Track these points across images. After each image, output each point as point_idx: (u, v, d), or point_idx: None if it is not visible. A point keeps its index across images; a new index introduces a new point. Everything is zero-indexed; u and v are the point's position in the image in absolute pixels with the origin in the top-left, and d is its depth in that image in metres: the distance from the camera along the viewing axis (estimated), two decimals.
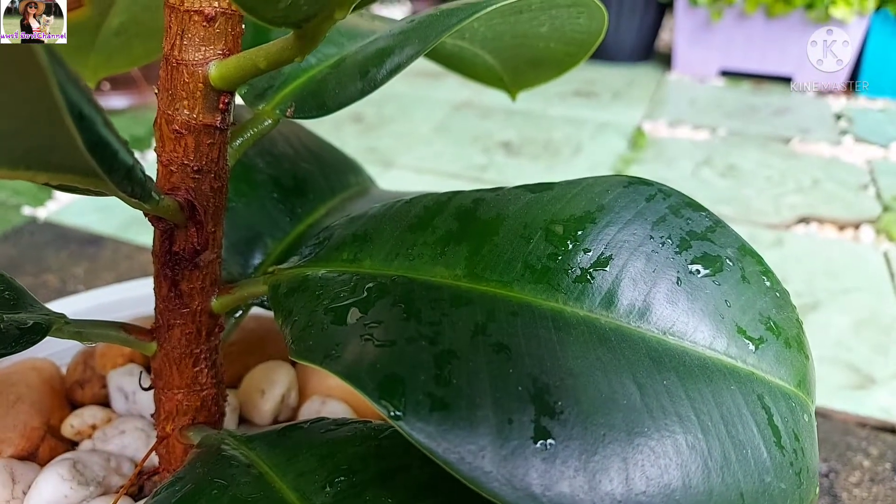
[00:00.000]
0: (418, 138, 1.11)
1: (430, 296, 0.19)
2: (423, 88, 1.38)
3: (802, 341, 0.20)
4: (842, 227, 0.83)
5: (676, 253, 0.20)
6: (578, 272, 0.19)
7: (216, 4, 0.19)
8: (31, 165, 0.15)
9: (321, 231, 0.23)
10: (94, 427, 0.30)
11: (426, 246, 0.20)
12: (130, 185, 0.16)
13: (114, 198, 0.17)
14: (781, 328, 0.19)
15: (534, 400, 0.16)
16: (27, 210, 0.80)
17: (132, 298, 0.37)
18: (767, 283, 0.20)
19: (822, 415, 0.52)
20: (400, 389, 0.16)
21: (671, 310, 0.19)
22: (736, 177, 0.98)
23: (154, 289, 0.23)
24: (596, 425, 0.15)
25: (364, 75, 0.22)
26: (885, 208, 0.88)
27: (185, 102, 0.19)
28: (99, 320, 0.23)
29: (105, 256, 0.71)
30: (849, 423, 0.51)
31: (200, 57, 0.19)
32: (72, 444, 0.30)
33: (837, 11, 1.30)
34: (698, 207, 0.21)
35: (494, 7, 0.22)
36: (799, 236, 0.81)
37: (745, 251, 0.21)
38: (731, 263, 0.20)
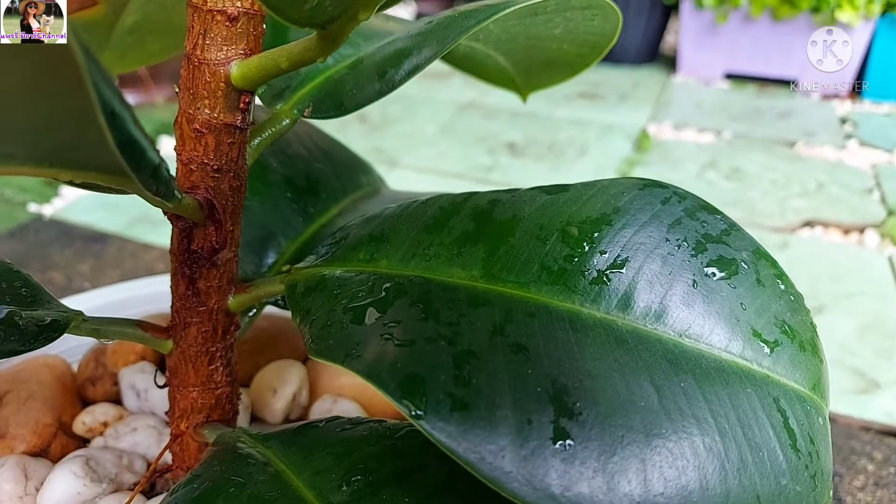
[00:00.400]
0: (423, 139, 1.11)
1: (447, 296, 0.19)
2: (428, 89, 1.38)
3: (816, 345, 0.20)
4: (846, 231, 0.83)
5: (692, 256, 0.20)
6: (595, 274, 0.19)
7: (239, 4, 0.19)
8: (55, 163, 0.15)
9: (337, 231, 0.23)
10: (105, 424, 0.30)
11: (442, 246, 0.20)
12: (155, 183, 0.16)
13: (119, 195, 0.17)
14: (796, 331, 0.20)
15: (552, 401, 0.16)
16: (33, 207, 0.80)
17: (140, 296, 0.37)
18: (782, 287, 0.20)
19: None
20: (420, 389, 0.16)
21: (687, 312, 0.19)
22: (741, 180, 0.98)
23: (171, 287, 0.23)
24: (614, 427, 0.16)
25: (382, 76, 0.22)
26: (890, 212, 0.88)
27: (206, 101, 0.20)
28: (115, 318, 0.23)
29: (110, 254, 0.71)
30: (853, 427, 0.52)
31: (222, 56, 0.19)
32: (83, 442, 0.31)
33: (843, 15, 1.31)
34: (713, 210, 0.21)
35: (512, 9, 0.22)
36: (804, 240, 0.81)
37: (760, 254, 0.21)
38: (746, 267, 0.20)
